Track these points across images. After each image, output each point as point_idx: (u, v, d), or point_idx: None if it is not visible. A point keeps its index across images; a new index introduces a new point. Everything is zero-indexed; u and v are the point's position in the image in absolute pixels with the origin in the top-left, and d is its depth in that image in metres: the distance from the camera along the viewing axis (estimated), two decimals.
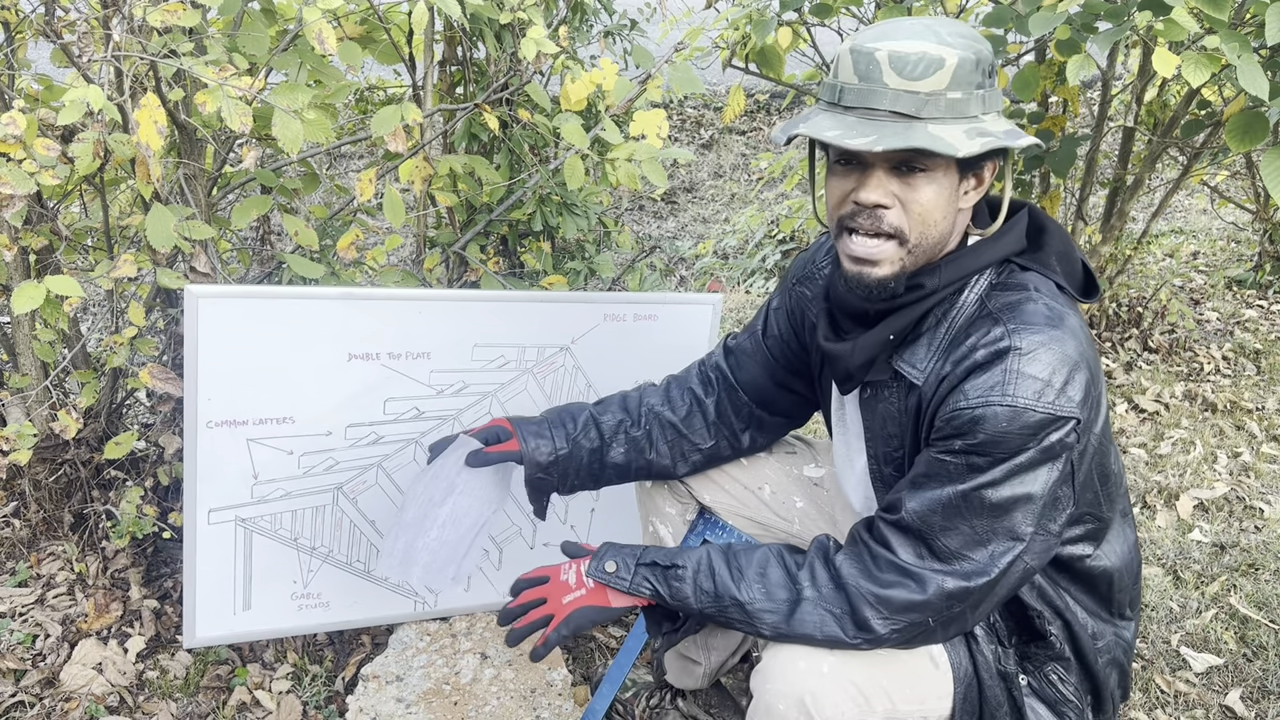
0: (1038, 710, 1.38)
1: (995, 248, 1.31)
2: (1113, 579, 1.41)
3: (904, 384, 1.34)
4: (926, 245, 1.26)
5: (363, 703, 1.83)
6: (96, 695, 1.89)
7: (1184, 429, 3.13)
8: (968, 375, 1.24)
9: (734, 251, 4.90)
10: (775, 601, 1.30)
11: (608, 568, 1.39)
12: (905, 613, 1.26)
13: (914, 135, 1.16)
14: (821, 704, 1.28)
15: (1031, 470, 1.22)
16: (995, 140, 1.19)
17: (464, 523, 1.58)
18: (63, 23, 1.88)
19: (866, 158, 1.23)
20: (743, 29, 2.93)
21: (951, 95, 1.18)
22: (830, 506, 1.71)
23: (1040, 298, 1.27)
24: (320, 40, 1.72)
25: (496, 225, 2.52)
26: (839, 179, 1.27)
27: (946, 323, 1.30)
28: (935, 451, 1.26)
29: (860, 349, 1.34)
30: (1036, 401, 1.20)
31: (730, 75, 5.46)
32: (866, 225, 1.25)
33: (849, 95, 1.21)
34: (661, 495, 1.75)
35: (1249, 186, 4.17)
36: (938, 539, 1.25)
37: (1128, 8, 2.17)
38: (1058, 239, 1.34)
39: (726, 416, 1.66)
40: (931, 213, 1.24)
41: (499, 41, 2.36)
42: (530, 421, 1.63)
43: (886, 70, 1.18)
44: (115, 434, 2.08)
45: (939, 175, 1.23)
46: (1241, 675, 2.06)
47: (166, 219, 1.76)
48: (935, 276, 1.28)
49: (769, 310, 1.65)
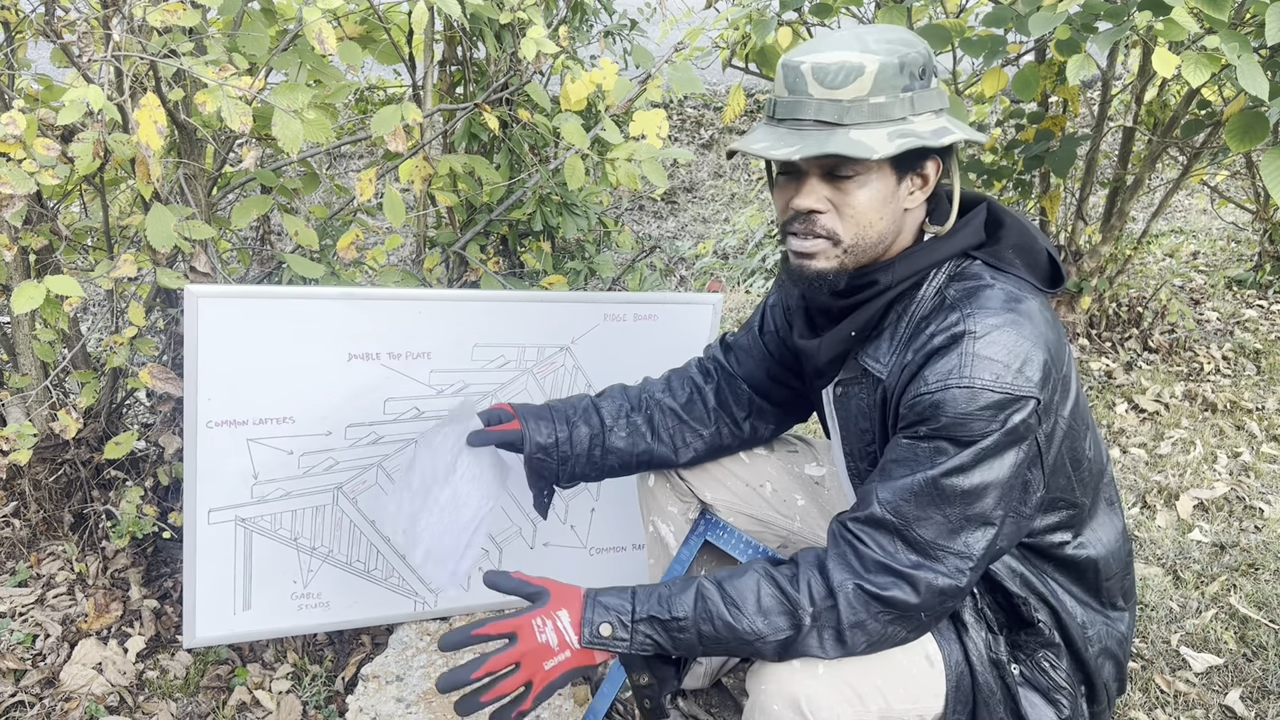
0: (1031, 699, 1.38)
1: (950, 243, 1.34)
2: (1099, 567, 1.42)
3: (870, 379, 1.37)
4: (865, 245, 1.31)
5: (363, 703, 1.83)
6: (96, 695, 1.89)
7: (1184, 429, 3.13)
8: (926, 361, 1.27)
9: (734, 251, 4.90)
10: (776, 630, 1.28)
11: (603, 631, 1.29)
12: (901, 612, 1.27)
13: (832, 142, 1.22)
14: (817, 705, 1.28)
15: (998, 454, 1.24)
16: (916, 140, 1.23)
17: (464, 513, 1.57)
18: (63, 23, 1.88)
19: (800, 166, 1.28)
20: (743, 29, 2.94)
21: (875, 100, 1.23)
22: (831, 505, 1.72)
23: (997, 284, 1.30)
24: (320, 40, 1.72)
25: (496, 225, 2.52)
26: (781, 189, 1.33)
27: (906, 317, 1.34)
28: (901, 438, 1.29)
29: (826, 346, 1.39)
30: (994, 382, 1.22)
31: (730, 75, 5.46)
32: (802, 229, 1.31)
33: (780, 108, 1.27)
34: (663, 493, 1.75)
35: (1249, 186, 4.17)
36: (912, 529, 1.26)
37: (1128, 8, 2.17)
38: (1014, 232, 1.37)
39: (727, 403, 1.67)
40: (865, 214, 1.28)
41: (499, 41, 2.36)
42: (531, 406, 1.64)
43: (810, 81, 1.24)
44: (115, 434, 2.08)
45: (871, 178, 1.27)
46: (1241, 675, 2.06)
47: (166, 219, 1.77)
48: (889, 273, 1.33)
49: (766, 307, 1.68)
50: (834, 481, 1.73)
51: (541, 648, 1.29)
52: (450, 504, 1.56)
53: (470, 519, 1.57)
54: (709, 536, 1.72)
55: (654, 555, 1.80)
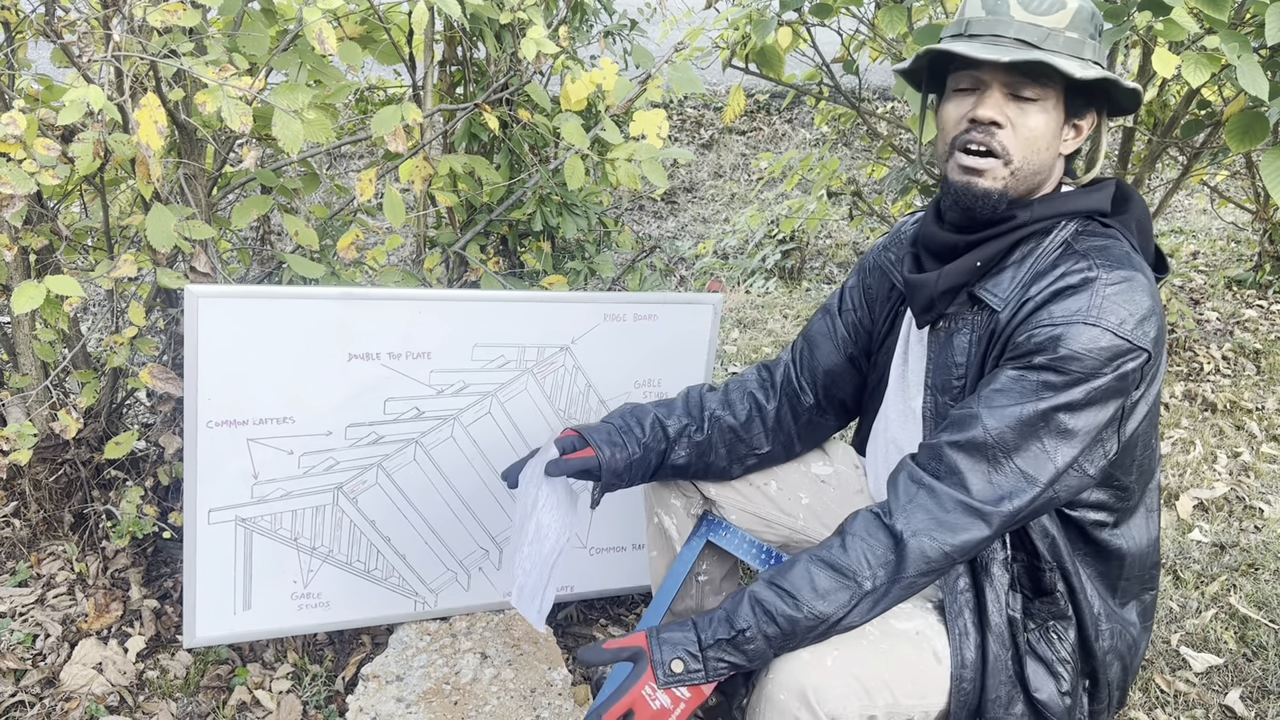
0: (1034, 668, 1.39)
1: (1085, 199, 1.39)
2: (1125, 562, 1.44)
3: (982, 312, 1.40)
4: (1028, 171, 1.35)
5: (363, 702, 1.83)
6: (96, 695, 1.89)
7: (1184, 429, 3.13)
8: (1054, 297, 1.30)
9: (734, 251, 4.90)
10: (840, 606, 1.28)
11: (675, 668, 1.29)
12: (973, 549, 1.30)
13: (1037, 55, 1.28)
14: (824, 697, 1.28)
15: (1105, 400, 1.28)
16: (1106, 72, 1.31)
17: (545, 544, 1.55)
18: (63, 23, 1.88)
19: (986, 80, 1.32)
20: (743, 29, 2.94)
21: (1070, 34, 1.31)
22: (837, 504, 1.72)
23: (1124, 246, 1.35)
24: (320, 40, 1.72)
25: (496, 225, 2.52)
26: (955, 104, 1.37)
27: (1032, 259, 1.37)
28: (1012, 369, 1.31)
29: (947, 275, 1.41)
30: (1118, 327, 1.27)
31: (730, 75, 5.46)
32: (980, 139, 1.34)
33: (975, 26, 1.33)
34: (668, 487, 1.75)
35: (1249, 186, 4.17)
36: (1012, 458, 1.28)
37: (1128, 8, 2.17)
38: (1140, 210, 1.43)
39: (785, 423, 1.69)
40: (1038, 139, 1.33)
41: (499, 41, 2.36)
42: (598, 430, 1.62)
43: (1014, 4, 1.31)
44: (115, 434, 2.08)
45: (1049, 106, 1.33)
46: (1241, 675, 2.06)
47: (166, 219, 1.77)
48: (1028, 211, 1.37)
49: (844, 290, 1.71)
50: (840, 480, 1.73)
51: (660, 713, 1.30)
52: (535, 537, 1.55)
53: (551, 550, 1.56)
54: (711, 537, 1.72)
55: (656, 548, 1.80)
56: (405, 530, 1.95)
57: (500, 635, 2.01)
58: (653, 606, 1.72)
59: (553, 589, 1.56)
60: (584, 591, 2.17)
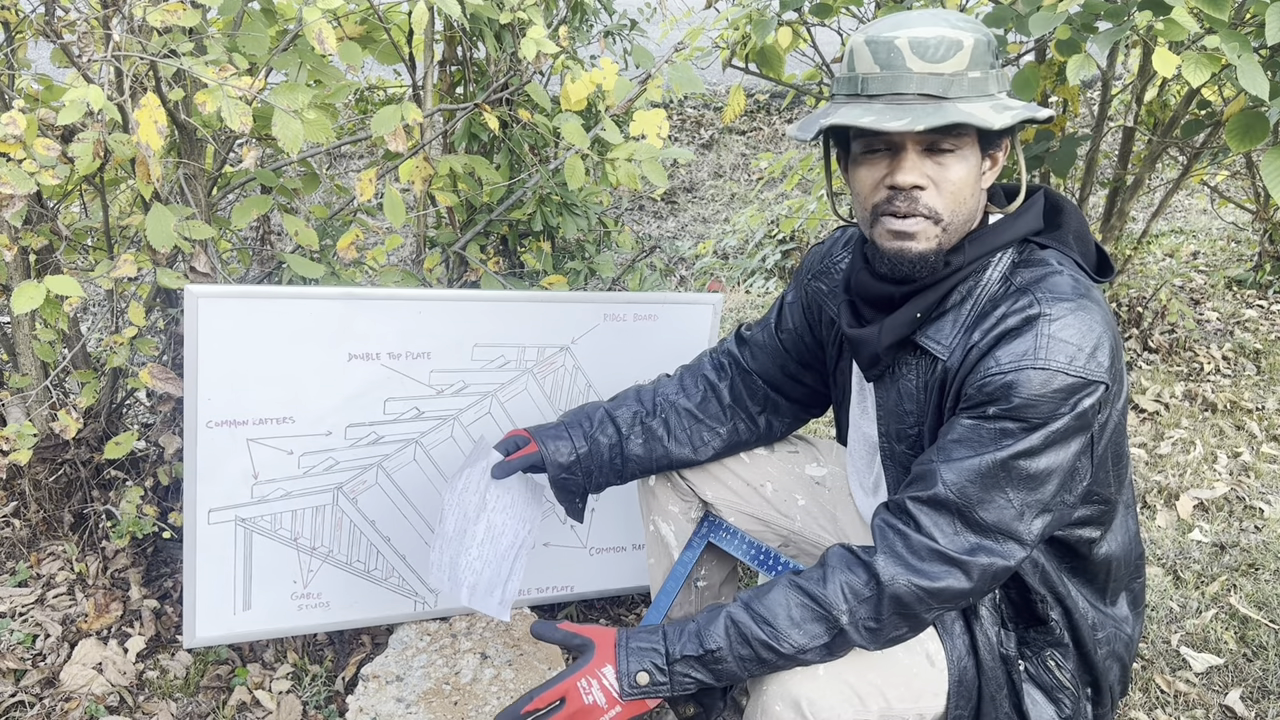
0: (1034, 696, 1.38)
1: (1015, 226, 1.34)
2: (1110, 567, 1.42)
3: (926, 360, 1.35)
4: (958, 223, 1.30)
5: (363, 703, 1.83)
6: (96, 695, 1.89)
7: (1184, 429, 3.13)
8: (999, 342, 1.26)
9: (734, 251, 4.90)
10: (813, 637, 1.27)
11: (640, 680, 1.27)
12: (953, 600, 1.27)
13: (949, 113, 1.20)
14: (818, 706, 1.28)
15: (1066, 439, 1.24)
16: (1021, 112, 1.24)
17: (501, 542, 1.57)
18: (63, 23, 1.88)
19: (899, 141, 1.25)
20: (743, 29, 2.93)
21: (972, 75, 1.23)
22: (832, 505, 1.72)
23: (1064, 270, 1.30)
24: (320, 40, 1.72)
25: (496, 225, 2.52)
26: (869, 168, 1.30)
27: (971, 299, 1.32)
28: (967, 419, 1.27)
29: (888, 330, 1.36)
30: (1069, 365, 1.22)
31: (730, 75, 5.46)
32: (904, 208, 1.28)
33: (873, 84, 1.24)
34: (664, 493, 1.75)
35: (1249, 186, 4.17)
36: (975, 512, 1.24)
37: (1128, 8, 2.17)
38: (1074, 219, 1.37)
39: (741, 399, 1.68)
40: (962, 189, 1.28)
41: (499, 41, 2.36)
42: (547, 427, 1.64)
43: (909, 55, 1.22)
44: (115, 434, 2.08)
45: (967, 153, 1.27)
46: (1241, 675, 2.06)
47: (166, 219, 1.76)
48: (960, 254, 1.32)
49: (783, 304, 1.67)
50: (834, 482, 1.73)
51: (590, 709, 1.27)
52: (486, 538, 1.56)
53: (509, 546, 1.57)
54: (712, 538, 1.72)
55: (654, 555, 1.80)
56: (405, 530, 1.95)
57: (500, 635, 2.01)
58: (652, 610, 1.72)
59: (515, 580, 1.57)
60: (584, 591, 2.17)
